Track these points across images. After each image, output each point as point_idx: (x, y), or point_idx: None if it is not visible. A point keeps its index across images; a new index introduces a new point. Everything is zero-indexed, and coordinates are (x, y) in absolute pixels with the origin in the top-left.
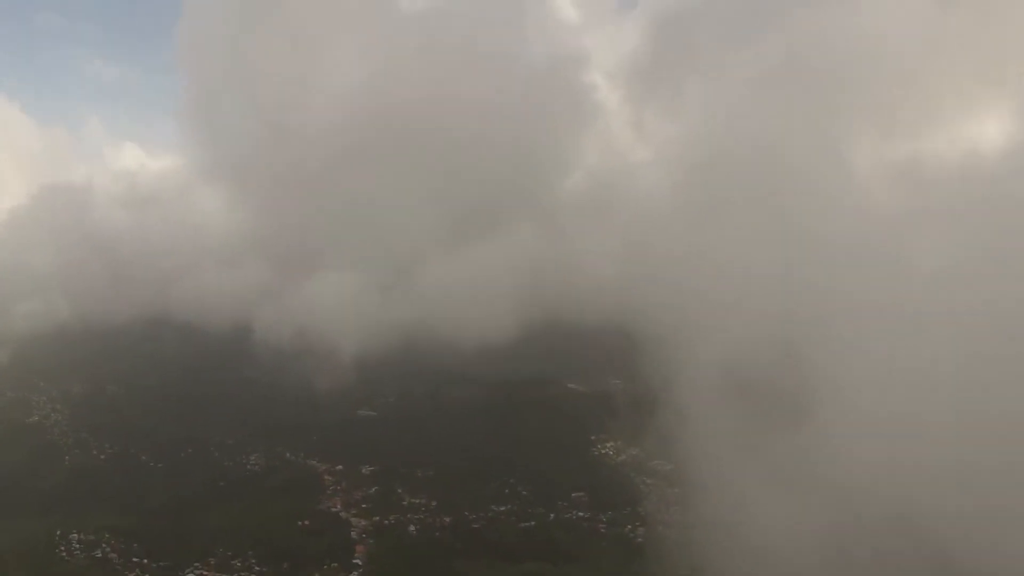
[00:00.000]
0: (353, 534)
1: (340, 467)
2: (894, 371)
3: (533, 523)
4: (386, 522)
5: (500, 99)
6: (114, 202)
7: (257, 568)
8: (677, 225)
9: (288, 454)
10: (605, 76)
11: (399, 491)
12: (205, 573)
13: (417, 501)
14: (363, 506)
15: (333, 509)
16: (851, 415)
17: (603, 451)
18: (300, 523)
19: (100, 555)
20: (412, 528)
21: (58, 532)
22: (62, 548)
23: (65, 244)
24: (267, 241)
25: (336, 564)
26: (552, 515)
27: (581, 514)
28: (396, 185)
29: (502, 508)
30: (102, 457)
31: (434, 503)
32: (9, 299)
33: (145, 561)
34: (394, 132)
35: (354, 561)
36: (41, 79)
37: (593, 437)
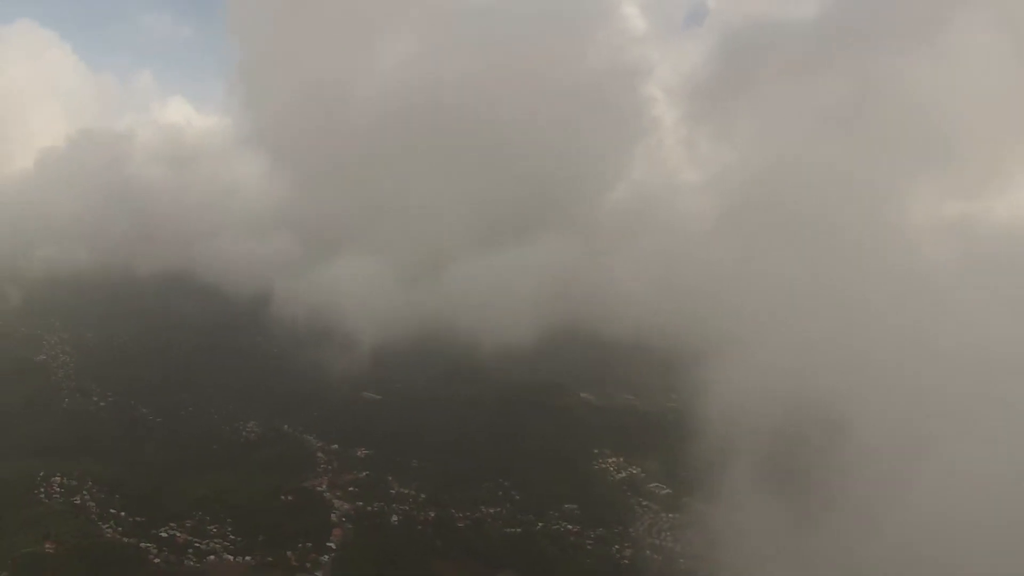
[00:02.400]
0: (333, 516)
1: (335, 447)
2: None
3: (519, 530)
4: (369, 508)
5: (553, 102)
6: (152, 155)
7: (232, 537)
8: (716, 253)
9: (286, 427)
10: (664, 91)
11: (389, 478)
12: (178, 534)
13: (406, 491)
14: (350, 489)
15: (319, 488)
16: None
17: (603, 466)
18: (283, 497)
19: (79, 501)
20: (395, 518)
21: (40, 474)
22: (41, 490)
23: (96, 191)
24: (298, 216)
25: (310, 544)
26: (540, 524)
27: (570, 527)
28: (435, 178)
29: (491, 510)
30: (101, 404)
31: (422, 496)
32: (33, 240)
33: (122, 514)
34: (440, 125)
35: (328, 544)
36: (96, 24)
37: (596, 450)
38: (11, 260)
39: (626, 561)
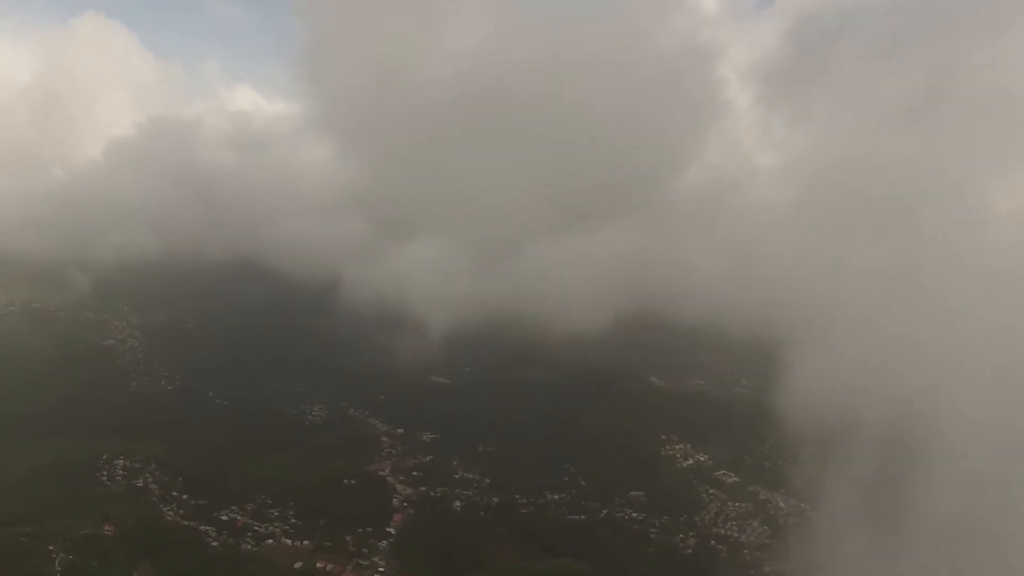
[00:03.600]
0: (395, 501)
1: (400, 430)
2: None
3: (583, 517)
4: (432, 493)
5: (625, 84)
6: (220, 141)
7: (292, 520)
8: (792, 240)
9: (352, 410)
10: (736, 74)
11: (454, 463)
12: (238, 517)
13: (470, 476)
14: (413, 473)
15: (381, 472)
16: None
17: (670, 452)
18: (346, 481)
19: (141, 484)
20: (457, 503)
21: (104, 456)
22: (104, 472)
23: (164, 177)
24: (367, 199)
25: (370, 529)
26: (604, 511)
27: (634, 515)
28: (506, 162)
29: (555, 496)
30: (168, 388)
31: (487, 481)
32: (102, 227)
33: (184, 496)
34: (510, 108)
35: (387, 529)
36: (161, 13)
37: (663, 437)
38: (80, 248)
39: (689, 551)
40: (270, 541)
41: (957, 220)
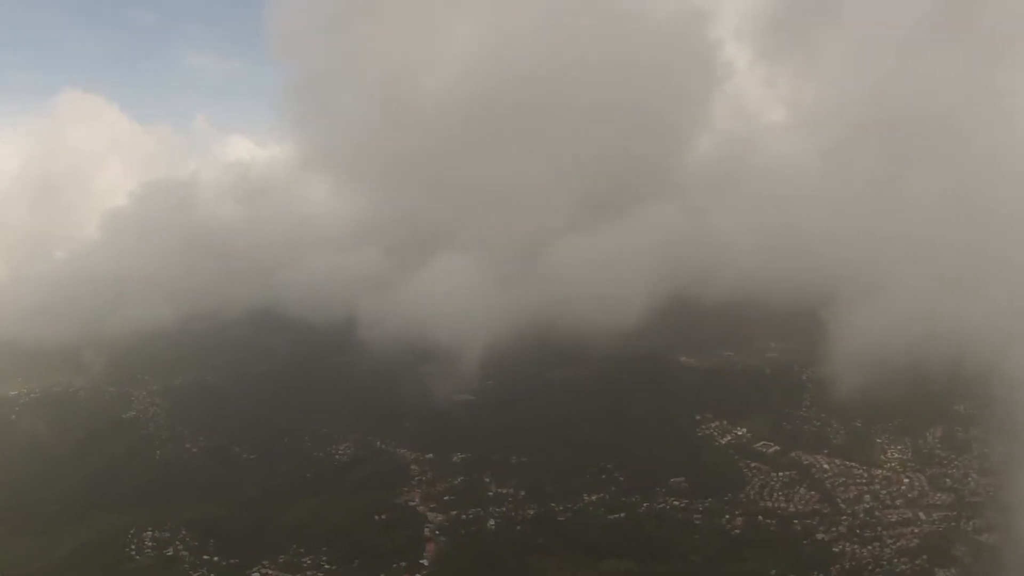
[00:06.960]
0: (427, 530)
1: (430, 456)
2: None
3: (623, 514)
4: (464, 516)
5: (621, 67)
6: (219, 195)
7: (326, 567)
8: (821, 192)
9: (379, 443)
10: (730, 33)
11: (487, 480)
12: (270, 572)
13: (504, 491)
14: (444, 499)
15: (411, 503)
16: None
17: (707, 431)
18: (377, 517)
19: (171, 553)
20: (491, 522)
21: (132, 530)
22: (132, 547)
23: (167, 241)
24: (378, 226)
25: (403, 563)
26: (645, 504)
27: (676, 503)
28: (516, 163)
29: (593, 497)
30: (194, 450)
31: (522, 493)
32: (110, 302)
33: (215, 559)
34: (511, 108)
35: (420, 561)
36: (139, 78)
37: (698, 417)
38: (92, 326)
39: (737, 531)
40: None
41: (1010, 139)
